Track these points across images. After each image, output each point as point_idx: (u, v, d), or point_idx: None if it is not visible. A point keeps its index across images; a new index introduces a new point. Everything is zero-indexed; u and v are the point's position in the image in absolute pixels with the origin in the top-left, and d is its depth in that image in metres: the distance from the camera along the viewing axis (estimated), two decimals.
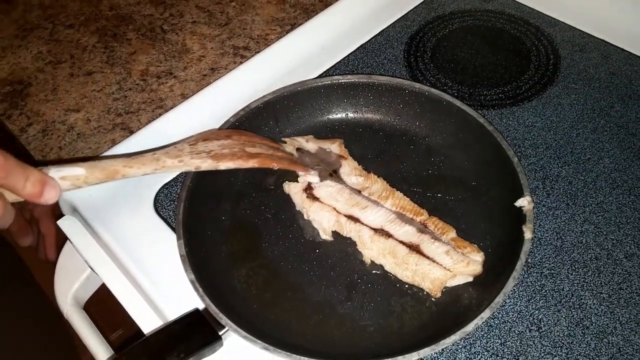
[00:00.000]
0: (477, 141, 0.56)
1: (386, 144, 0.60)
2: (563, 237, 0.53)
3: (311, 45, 0.71)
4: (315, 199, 0.55)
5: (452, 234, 0.51)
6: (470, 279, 0.50)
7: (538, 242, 0.52)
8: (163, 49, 0.75)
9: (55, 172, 0.44)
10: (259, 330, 0.45)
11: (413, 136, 0.60)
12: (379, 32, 0.73)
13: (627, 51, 0.68)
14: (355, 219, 0.53)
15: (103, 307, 0.65)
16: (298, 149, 0.58)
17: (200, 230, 0.52)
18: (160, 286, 0.52)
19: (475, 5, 0.75)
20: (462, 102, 0.57)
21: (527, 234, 0.48)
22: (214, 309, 0.45)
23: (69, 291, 0.60)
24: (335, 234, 0.54)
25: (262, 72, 0.67)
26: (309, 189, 0.56)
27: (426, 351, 0.42)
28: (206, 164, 0.51)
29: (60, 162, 0.57)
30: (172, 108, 0.65)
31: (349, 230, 0.53)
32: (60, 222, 0.59)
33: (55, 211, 0.81)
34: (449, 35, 0.72)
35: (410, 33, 0.72)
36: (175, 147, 0.53)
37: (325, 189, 0.55)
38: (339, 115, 0.62)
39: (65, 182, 0.45)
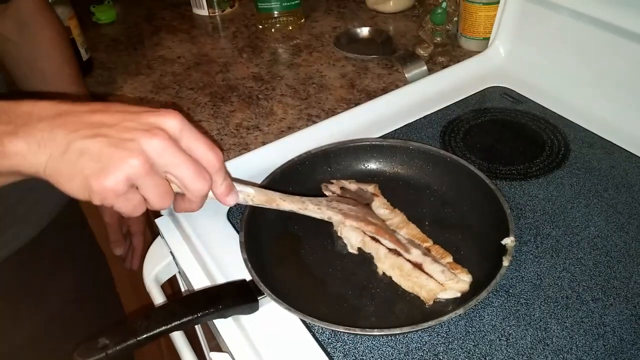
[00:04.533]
0: (482, 198, 0.70)
1: (411, 193, 0.75)
2: (542, 278, 0.64)
3: (368, 119, 0.90)
4: None
5: (449, 259, 0.65)
6: (459, 295, 0.62)
7: (520, 279, 0.64)
8: (255, 111, 0.98)
9: (236, 185, 0.54)
10: (286, 300, 0.60)
11: (434, 191, 0.75)
12: (423, 116, 0.91)
13: (628, 151, 0.80)
14: (376, 240, 0.68)
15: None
16: (342, 188, 0.75)
17: (256, 230, 0.69)
18: (222, 267, 0.68)
19: (506, 105, 0.92)
20: (475, 167, 0.73)
21: (505, 262, 0.61)
22: (256, 279, 0.61)
23: (153, 271, 0.78)
24: (359, 249, 0.69)
25: (325, 133, 0.86)
26: None
27: (405, 329, 0.55)
28: (336, 218, 0.66)
29: (237, 180, 0.64)
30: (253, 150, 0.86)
31: (370, 247, 0.68)
32: (157, 220, 0.78)
33: (147, 231, 1.02)
34: (481, 124, 0.89)
35: (448, 119, 0.90)
36: (316, 199, 0.68)
37: None
38: (377, 167, 0.79)
39: (240, 195, 0.55)
